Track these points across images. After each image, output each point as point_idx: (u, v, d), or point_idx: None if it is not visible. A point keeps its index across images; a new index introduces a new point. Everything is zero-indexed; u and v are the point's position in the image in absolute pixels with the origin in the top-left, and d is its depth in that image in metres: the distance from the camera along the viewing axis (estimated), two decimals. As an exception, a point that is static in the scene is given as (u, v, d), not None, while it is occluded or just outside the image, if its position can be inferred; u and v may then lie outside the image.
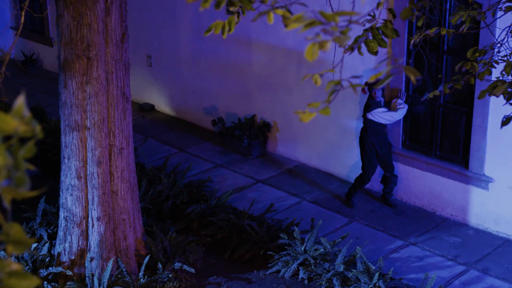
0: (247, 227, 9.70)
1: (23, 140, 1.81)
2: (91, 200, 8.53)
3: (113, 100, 8.44)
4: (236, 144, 12.57)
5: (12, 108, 1.80)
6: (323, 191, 11.32)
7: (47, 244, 8.96)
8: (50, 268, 8.59)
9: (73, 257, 8.74)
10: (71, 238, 8.71)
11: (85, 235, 8.67)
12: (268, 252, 9.39)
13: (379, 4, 3.75)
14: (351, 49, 3.93)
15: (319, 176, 11.77)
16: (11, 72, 11.72)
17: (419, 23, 4.74)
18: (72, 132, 8.40)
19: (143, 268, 8.67)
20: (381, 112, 10.29)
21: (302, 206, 10.90)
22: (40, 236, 9.30)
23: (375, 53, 4.35)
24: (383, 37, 4.33)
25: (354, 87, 2.79)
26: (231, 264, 9.47)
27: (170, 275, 8.76)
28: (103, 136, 8.41)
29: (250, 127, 12.56)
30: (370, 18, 4.39)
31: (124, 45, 8.46)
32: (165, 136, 13.40)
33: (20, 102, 1.79)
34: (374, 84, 10.15)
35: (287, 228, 9.82)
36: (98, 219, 8.56)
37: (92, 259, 8.63)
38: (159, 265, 8.82)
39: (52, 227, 9.42)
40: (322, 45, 2.55)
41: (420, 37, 5.98)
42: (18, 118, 1.78)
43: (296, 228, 9.47)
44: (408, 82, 10.56)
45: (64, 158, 8.55)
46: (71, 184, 8.54)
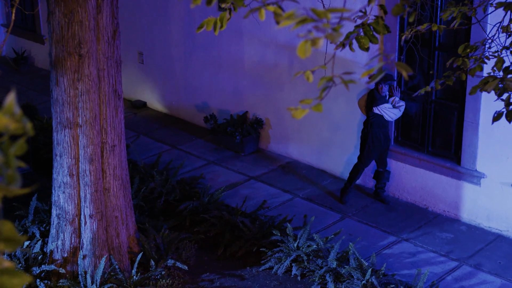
0: (240, 224, 9.71)
1: (14, 138, 1.81)
2: (84, 197, 8.52)
3: (105, 97, 8.43)
4: (229, 141, 12.57)
5: (2, 106, 1.80)
6: (315, 187, 11.33)
7: (39, 242, 8.94)
8: (43, 266, 8.58)
9: (65, 254, 8.73)
10: (64, 235, 8.69)
11: (77, 232, 8.66)
12: (261, 249, 9.39)
13: (370, 1, 3.75)
14: (343, 45, 3.93)
15: (312, 173, 11.78)
16: (2, 70, 11.71)
17: (411, 19, 4.75)
18: (64, 130, 8.38)
19: (136, 265, 8.67)
20: (387, 108, 10.31)
21: (294, 203, 10.91)
22: (32, 234, 9.28)
23: (367, 49, 4.35)
24: (375, 33, 4.34)
25: (346, 83, 2.79)
26: (224, 261, 9.47)
27: (163, 272, 8.76)
28: (95, 134, 8.40)
29: (242, 124, 12.56)
30: (362, 14, 4.39)
31: (115, 42, 8.44)
32: (157, 133, 13.38)
33: (10, 99, 1.79)
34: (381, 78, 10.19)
35: (280, 224, 9.82)
36: (91, 216, 8.54)
37: (84, 256, 8.62)
38: (152, 262, 8.81)
39: (44, 225, 9.40)
40: (314, 42, 2.56)
41: (412, 33, 5.99)
42: (8, 116, 1.77)
43: (289, 224, 9.48)
44: (400, 78, 10.57)
45: (56, 155, 8.53)
46: (63, 182, 8.52)
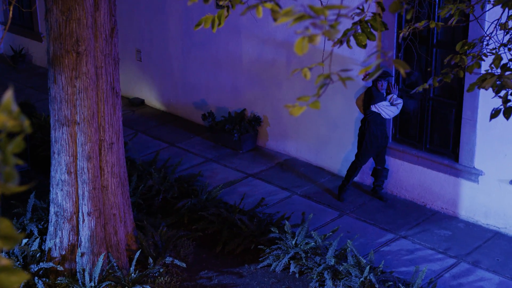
0: (238, 221, 9.71)
1: (12, 135, 1.81)
2: (82, 195, 8.52)
3: (102, 95, 8.43)
4: (226, 139, 12.57)
5: (0, 103, 1.79)
6: (313, 185, 11.34)
7: (37, 240, 8.94)
8: (41, 264, 8.58)
9: (64, 252, 8.73)
10: (62, 233, 8.69)
11: (75, 230, 8.66)
12: (259, 246, 9.40)
13: (368, -2, 3.75)
14: (340, 42, 3.93)
15: (310, 170, 11.78)
16: (0, 68, 11.72)
17: (408, 16, 4.75)
18: (62, 127, 8.38)
19: (134, 263, 8.67)
20: (385, 106, 10.28)
21: (292, 200, 10.91)
22: (30, 232, 9.28)
23: (364, 46, 4.35)
24: (372, 30, 4.34)
25: (343, 80, 2.79)
26: (222, 258, 9.48)
27: (161, 270, 8.76)
28: (93, 131, 8.40)
29: (240, 121, 12.56)
30: (359, 11, 4.39)
31: (113, 39, 8.44)
32: (155, 131, 13.38)
33: (8, 96, 1.79)
34: (380, 75, 10.16)
35: (278, 222, 9.83)
36: (89, 214, 8.54)
37: (83, 254, 8.62)
38: (150, 260, 8.82)
39: (42, 223, 9.40)
40: (311, 39, 2.56)
41: (409, 30, 5.99)
42: (6, 113, 1.77)
43: (287, 222, 9.48)
44: (398, 76, 10.57)
45: (54, 153, 8.53)
46: (61, 179, 8.52)
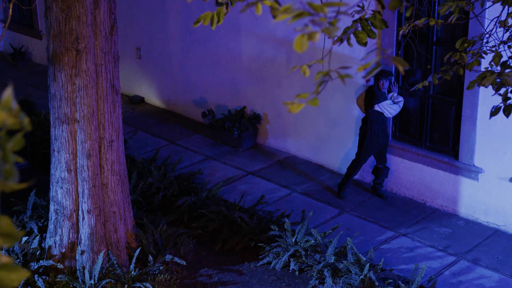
0: (238, 219, 9.71)
1: (11, 133, 1.81)
2: (81, 193, 8.52)
3: (102, 93, 8.43)
4: (226, 136, 12.57)
5: (0, 101, 1.80)
6: (313, 182, 11.34)
7: (37, 237, 8.94)
8: (41, 261, 8.58)
9: (63, 250, 8.73)
10: (62, 231, 8.70)
11: (75, 228, 8.66)
12: (259, 244, 9.40)
13: (368, -5, 3.75)
14: (340, 40, 3.93)
15: (310, 168, 11.79)
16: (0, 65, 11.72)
17: (408, 14, 4.75)
18: (62, 125, 8.38)
19: (134, 260, 8.67)
20: (388, 104, 10.27)
21: (292, 198, 10.91)
22: (30, 229, 9.28)
23: (364, 44, 4.35)
24: (372, 28, 4.34)
25: (342, 77, 2.79)
26: (222, 256, 9.48)
27: (161, 268, 8.76)
28: (93, 129, 8.40)
29: (240, 119, 12.56)
30: (359, 9, 4.39)
31: (113, 37, 8.44)
32: (155, 129, 13.38)
33: (8, 94, 1.79)
34: (380, 73, 10.14)
35: (278, 219, 9.83)
36: (89, 212, 8.55)
37: (83, 252, 8.63)
38: (150, 257, 8.82)
39: (42, 220, 9.40)
40: (311, 36, 2.55)
41: (409, 27, 5.99)
42: (6, 111, 1.77)
43: (286, 219, 9.48)
44: (398, 73, 10.57)
45: (54, 151, 8.53)
46: (61, 177, 8.52)
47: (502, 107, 5.02)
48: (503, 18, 6.22)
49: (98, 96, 8.40)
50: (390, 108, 10.28)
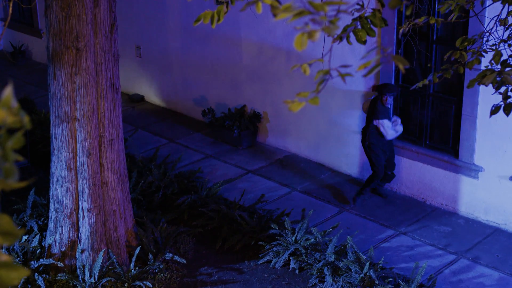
0: (238, 217, 9.71)
1: (11, 131, 1.81)
2: (82, 191, 8.52)
3: (102, 91, 8.42)
4: (226, 135, 12.57)
5: (0, 99, 1.79)
6: (313, 181, 11.33)
7: (37, 236, 8.94)
8: (41, 260, 8.58)
9: (64, 248, 8.73)
10: (62, 229, 8.70)
11: (75, 226, 8.66)
12: (259, 243, 9.40)
13: (368, -6, 3.75)
14: (340, 38, 3.93)
15: (310, 166, 11.78)
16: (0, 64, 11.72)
17: (408, 12, 4.74)
18: (62, 124, 8.38)
19: (134, 259, 8.67)
20: (386, 125, 10.09)
21: (292, 196, 10.91)
22: (30, 228, 9.28)
23: (364, 42, 4.35)
24: (372, 26, 4.34)
25: (342, 76, 2.79)
26: (222, 255, 9.48)
27: (161, 266, 8.76)
28: (93, 127, 8.39)
29: (240, 117, 12.56)
30: (359, 7, 4.39)
31: (113, 36, 8.43)
32: (155, 127, 13.38)
33: (8, 92, 1.79)
34: (385, 88, 9.98)
35: (278, 218, 9.83)
36: (89, 210, 8.55)
37: (83, 250, 8.63)
38: (150, 256, 8.82)
39: (42, 219, 9.40)
40: (311, 34, 2.55)
41: (409, 26, 5.99)
42: (6, 109, 1.77)
43: (287, 218, 9.48)
44: (398, 72, 10.56)
45: (54, 149, 8.53)
46: (61, 176, 8.52)
47: (502, 105, 5.02)
48: (503, 16, 6.22)
49: (98, 95, 8.40)
50: (387, 129, 10.12)
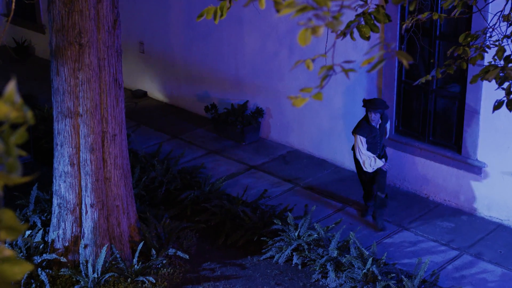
0: (240, 213, 9.72)
1: (14, 127, 1.81)
2: (85, 186, 8.53)
3: (105, 87, 8.43)
4: (229, 131, 12.57)
5: (3, 94, 1.80)
6: (316, 177, 11.33)
7: (40, 231, 8.95)
8: (44, 255, 8.60)
9: (67, 244, 8.75)
10: (65, 225, 8.71)
11: (78, 221, 8.67)
12: (262, 238, 9.40)
13: (371, -11, 3.74)
14: (343, 34, 3.93)
15: (312, 162, 11.78)
16: (2, 59, 11.72)
17: (411, 8, 4.74)
18: (65, 119, 8.38)
19: (137, 254, 8.68)
20: (360, 143, 9.41)
21: (295, 192, 10.91)
22: (33, 223, 9.30)
23: (367, 38, 4.35)
24: (375, 22, 4.33)
25: (346, 72, 2.79)
26: (225, 250, 9.49)
27: (164, 261, 8.77)
28: (96, 123, 8.40)
29: (243, 113, 12.56)
30: (362, 3, 4.39)
31: (116, 31, 8.43)
32: (158, 123, 13.38)
33: (11, 88, 1.79)
34: (368, 103, 9.27)
35: (280, 214, 9.83)
36: (92, 205, 8.56)
37: (86, 245, 8.64)
38: (153, 251, 8.83)
39: (45, 214, 9.42)
40: (314, 30, 2.55)
41: (412, 22, 5.98)
42: (9, 104, 1.77)
43: (289, 214, 9.49)
44: (401, 67, 10.55)
45: (57, 145, 8.54)
46: (64, 171, 8.53)
47: (505, 101, 5.01)
48: (506, 12, 6.21)
49: (101, 90, 8.41)
50: (362, 148, 9.41)
